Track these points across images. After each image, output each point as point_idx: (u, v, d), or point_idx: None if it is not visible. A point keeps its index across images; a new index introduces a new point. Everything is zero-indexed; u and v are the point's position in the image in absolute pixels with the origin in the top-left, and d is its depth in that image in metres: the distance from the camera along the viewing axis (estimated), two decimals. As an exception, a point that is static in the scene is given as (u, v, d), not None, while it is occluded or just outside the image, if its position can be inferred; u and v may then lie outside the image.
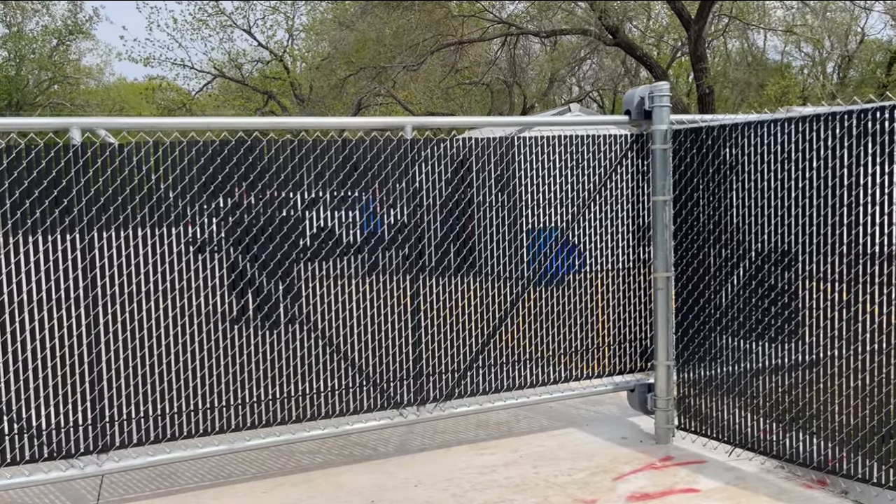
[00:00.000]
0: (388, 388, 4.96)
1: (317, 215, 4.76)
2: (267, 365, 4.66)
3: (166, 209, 4.36)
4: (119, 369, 4.32)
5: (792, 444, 4.62)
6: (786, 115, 4.51)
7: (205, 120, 4.59)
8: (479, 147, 5.10)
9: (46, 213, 4.09)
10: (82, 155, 4.15)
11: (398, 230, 4.90)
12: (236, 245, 4.56)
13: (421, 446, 5.47)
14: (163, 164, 4.32)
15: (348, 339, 4.85)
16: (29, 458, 4.15)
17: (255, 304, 4.65)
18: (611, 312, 5.55)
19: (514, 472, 4.90)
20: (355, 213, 4.89)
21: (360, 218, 4.88)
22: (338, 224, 4.83)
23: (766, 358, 4.77)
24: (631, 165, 5.49)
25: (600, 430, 5.66)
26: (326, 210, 4.78)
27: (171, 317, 4.43)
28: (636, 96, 5.33)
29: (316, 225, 4.76)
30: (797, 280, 4.59)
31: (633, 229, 5.55)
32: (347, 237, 4.86)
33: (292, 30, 34.38)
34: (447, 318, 5.08)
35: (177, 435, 4.48)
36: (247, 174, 4.50)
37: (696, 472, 4.81)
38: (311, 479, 4.89)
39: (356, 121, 4.88)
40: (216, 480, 4.92)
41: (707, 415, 5.17)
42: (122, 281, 4.30)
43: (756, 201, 4.74)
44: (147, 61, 32.43)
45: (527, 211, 5.25)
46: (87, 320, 4.22)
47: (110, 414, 4.31)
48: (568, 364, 5.45)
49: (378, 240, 4.89)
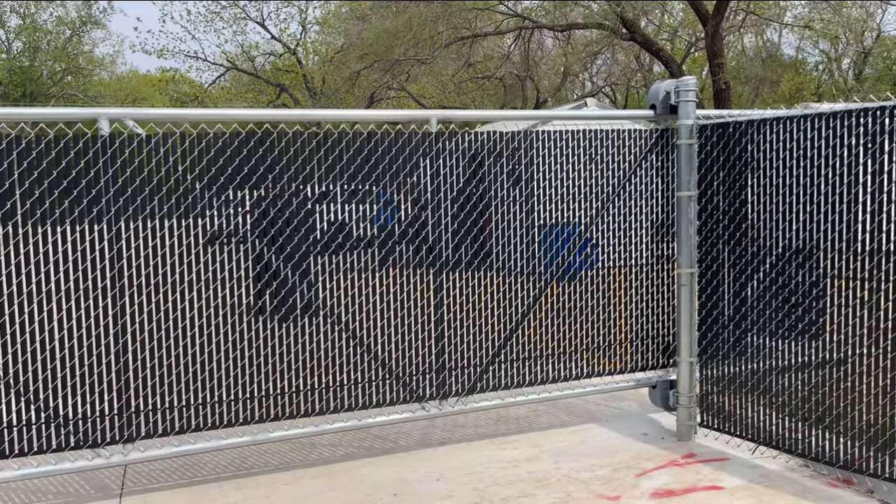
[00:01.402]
0: (411, 381, 4.95)
1: (341, 209, 4.75)
2: (291, 357, 4.66)
3: (192, 200, 4.36)
4: (145, 359, 4.33)
5: (817, 443, 4.59)
6: (816, 111, 4.47)
7: (234, 112, 4.58)
8: (504, 141, 5.08)
9: (74, 203, 4.10)
10: (111, 145, 4.15)
11: (421, 224, 4.88)
12: (262, 236, 4.56)
13: (441, 440, 5.47)
14: (189, 156, 4.32)
15: (371, 332, 4.84)
16: (56, 447, 4.17)
17: (280, 296, 4.65)
18: (633, 308, 5.53)
19: (536, 467, 4.89)
20: (379, 207, 4.88)
21: (383, 212, 4.87)
22: (362, 217, 4.82)
23: (792, 356, 4.74)
24: (655, 160, 5.46)
25: (621, 427, 5.64)
26: (352, 204, 4.77)
27: (196, 307, 4.43)
28: (661, 91, 5.29)
29: (338, 218, 4.75)
30: (825, 278, 4.55)
31: (656, 225, 5.52)
32: (371, 231, 4.85)
33: (305, 22, 34.39)
34: (470, 313, 5.07)
35: (201, 426, 4.49)
36: (273, 166, 4.50)
37: (719, 470, 4.79)
38: (332, 472, 4.90)
39: (383, 113, 4.87)
40: (238, 472, 4.93)
41: (730, 412, 5.14)
42: (149, 271, 4.31)
43: (784, 197, 4.70)
44: (161, 53, 32.53)
45: (550, 206, 5.23)
46: (114, 310, 4.23)
47: (136, 404, 4.33)
48: (590, 360, 5.43)
49: (401, 234, 4.88)
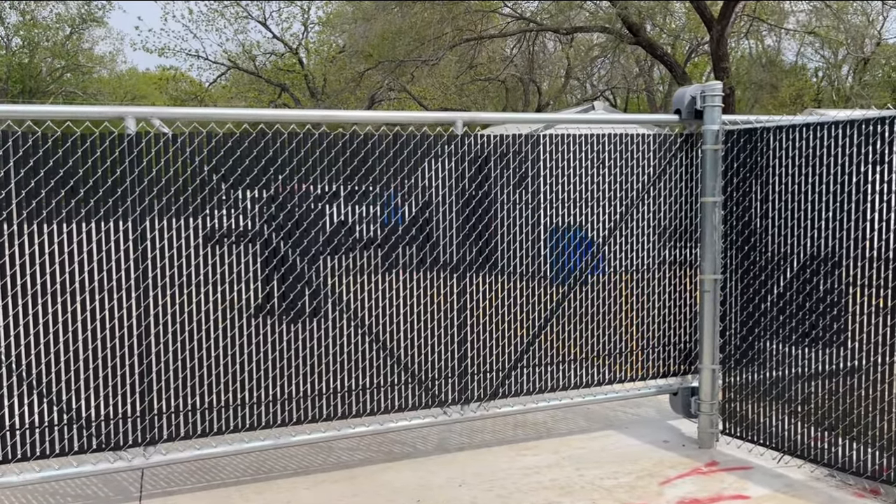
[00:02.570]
0: (433, 385, 4.90)
1: (366, 211, 4.71)
2: (314, 360, 4.60)
3: (218, 200, 4.31)
4: (168, 361, 4.28)
5: (844, 453, 4.55)
6: (847, 117, 4.43)
7: (259, 112, 4.53)
8: (529, 145, 5.03)
9: (100, 202, 4.04)
10: (137, 144, 4.10)
11: (444, 229, 4.84)
12: (287, 238, 4.51)
13: (461, 445, 5.42)
14: (215, 156, 4.27)
15: (394, 336, 4.79)
16: (77, 449, 4.11)
17: (303, 298, 4.59)
18: (655, 315, 5.49)
19: (558, 474, 4.85)
20: (403, 210, 4.84)
21: (397, 214, 4.82)
22: (387, 220, 4.77)
23: (818, 364, 4.70)
24: (680, 165, 5.42)
25: (641, 433, 5.60)
26: (377, 206, 4.72)
27: (220, 310, 4.38)
28: (687, 95, 5.26)
29: (370, 220, 4.70)
30: (855, 286, 4.52)
31: (679, 230, 5.48)
32: (396, 233, 4.80)
33: (308, 22, 34.32)
34: (493, 317, 5.02)
35: (223, 429, 4.43)
36: (299, 166, 4.45)
37: (743, 479, 4.75)
38: (353, 477, 4.84)
39: (409, 115, 4.82)
40: (257, 475, 4.87)
41: (753, 420, 5.10)
42: (173, 272, 4.25)
43: (813, 204, 4.66)
44: (162, 52, 32.42)
45: (574, 210, 5.18)
46: (139, 311, 4.18)
47: (158, 406, 4.27)
48: (612, 366, 5.39)
49: (426, 237, 4.83)
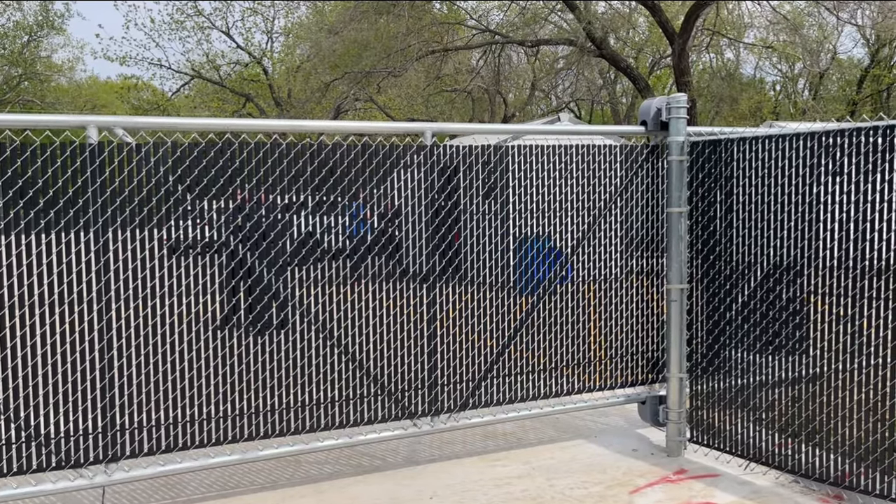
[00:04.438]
0: (403, 397, 4.87)
1: (329, 222, 4.67)
2: (281, 373, 4.54)
3: (182, 211, 4.23)
4: (131, 376, 4.17)
5: (807, 459, 4.63)
6: (808, 129, 4.53)
7: (226, 122, 4.47)
8: (498, 156, 5.05)
9: (60, 214, 3.94)
10: (99, 154, 4.01)
11: (413, 239, 4.82)
12: (253, 249, 4.44)
13: (430, 457, 5.38)
14: (180, 166, 4.20)
15: (364, 348, 4.75)
16: (36, 468, 3.99)
17: (269, 310, 4.53)
18: (623, 324, 5.53)
19: (529, 485, 4.84)
20: (372, 220, 4.81)
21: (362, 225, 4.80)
22: (355, 230, 4.74)
23: (781, 372, 4.78)
24: (646, 176, 5.48)
25: (609, 443, 5.62)
26: (345, 216, 4.69)
27: (185, 322, 4.30)
28: (653, 107, 5.33)
29: (337, 231, 4.66)
30: (815, 295, 4.60)
31: (646, 240, 5.54)
32: (364, 244, 4.77)
33: (272, 32, 34.12)
34: (462, 328, 5.01)
35: (188, 444, 4.34)
36: (266, 176, 4.39)
37: (711, 486, 4.79)
38: (321, 491, 4.78)
39: (378, 125, 4.80)
40: (223, 491, 4.78)
41: (720, 428, 5.16)
42: (136, 284, 4.16)
43: (775, 214, 4.75)
44: (123, 60, 31.90)
45: (542, 221, 5.21)
46: (100, 325, 4.07)
47: (121, 422, 4.16)
48: (581, 376, 5.41)
49: (394, 248, 4.81)
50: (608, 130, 5.58)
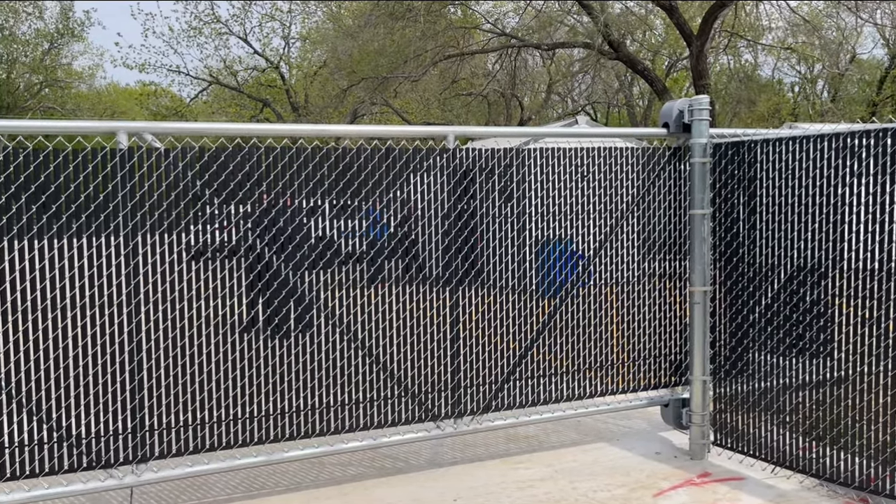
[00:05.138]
0: (426, 399, 4.89)
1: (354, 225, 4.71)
2: (306, 375, 4.58)
3: (210, 215, 4.29)
4: (160, 377, 4.23)
5: (832, 463, 4.60)
6: (832, 130, 4.51)
7: (252, 127, 4.53)
8: (520, 159, 5.07)
9: (91, 218, 4.01)
10: (129, 159, 4.07)
11: (423, 243, 4.85)
12: (278, 252, 4.49)
13: (453, 460, 5.40)
14: (207, 170, 4.26)
15: (388, 350, 4.78)
16: (67, 468, 4.05)
17: (296, 314, 4.57)
18: (646, 327, 5.52)
19: (552, 488, 4.85)
20: (395, 224, 4.84)
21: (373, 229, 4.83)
22: (378, 234, 4.78)
23: (806, 375, 4.75)
24: (668, 178, 5.48)
25: (632, 445, 5.61)
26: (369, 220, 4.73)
27: (211, 325, 4.35)
28: (675, 109, 5.33)
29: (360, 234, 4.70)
30: (838, 296, 4.58)
31: (668, 243, 5.53)
32: (388, 247, 4.80)
33: (289, 38, 34.35)
34: (485, 331, 5.03)
35: (216, 445, 4.39)
36: (292, 180, 4.44)
37: (736, 489, 4.78)
38: (345, 493, 4.81)
39: (401, 129, 4.84)
40: (249, 492, 4.82)
41: (743, 431, 5.14)
42: (165, 287, 4.22)
43: (799, 216, 4.73)
44: (143, 67, 32.26)
45: (565, 224, 5.22)
46: (130, 327, 4.13)
47: (150, 423, 4.22)
48: (604, 378, 5.41)
49: (417, 251, 4.84)
50: (629, 133, 5.58)
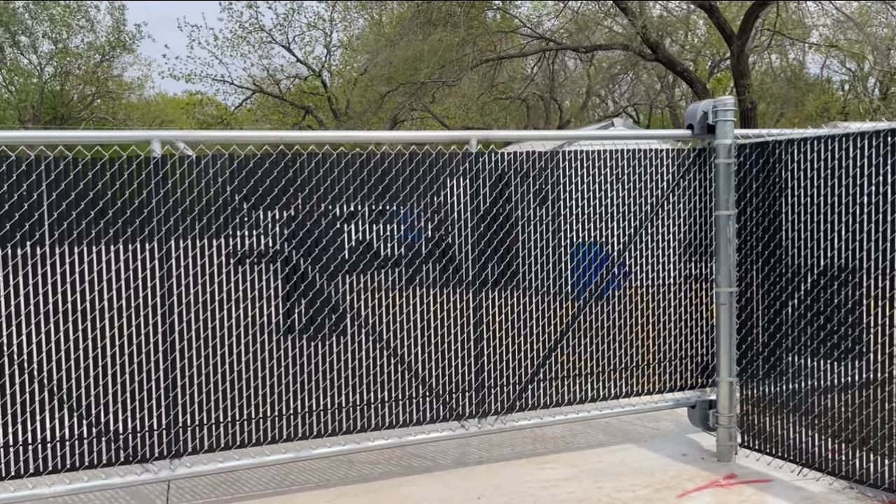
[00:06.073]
0: (451, 399, 4.98)
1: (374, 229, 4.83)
2: (333, 375, 4.71)
3: (240, 220, 4.46)
4: (192, 376, 4.41)
5: (861, 465, 4.54)
6: (857, 130, 4.47)
7: (280, 134, 4.69)
8: (542, 161, 5.13)
9: (127, 223, 4.20)
10: (162, 167, 4.26)
11: (450, 247, 4.95)
12: (306, 256, 4.64)
13: (479, 459, 5.47)
14: (238, 177, 4.42)
15: (412, 351, 4.89)
16: (106, 462, 4.25)
17: (323, 315, 4.71)
18: (672, 328, 5.52)
19: (576, 487, 4.89)
20: (422, 228, 4.95)
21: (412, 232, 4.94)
22: (405, 238, 4.89)
23: (834, 376, 4.70)
24: (693, 180, 5.48)
25: (659, 447, 5.61)
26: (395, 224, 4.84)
27: (242, 326, 4.51)
28: (699, 111, 5.33)
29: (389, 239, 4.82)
30: (866, 298, 4.53)
31: (694, 244, 5.53)
32: (415, 251, 4.91)
33: (330, 45, 34.84)
34: (509, 331, 5.10)
35: (246, 442, 4.54)
36: (318, 186, 4.59)
37: (762, 491, 4.75)
38: (372, 490, 4.92)
39: (423, 134, 4.95)
40: (279, 488, 4.97)
41: (771, 433, 5.10)
42: (197, 289, 4.40)
43: (825, 216, 4.69)
44: (189, 78, 33.08)
45: (588, 226, 5.26)
46: (164, 328, 4.32)
47: (183, 420, 4.40)
48: (629, 380, 5.43)
49: (443, 254, 4.94)
50: (654, 135, 5.60)
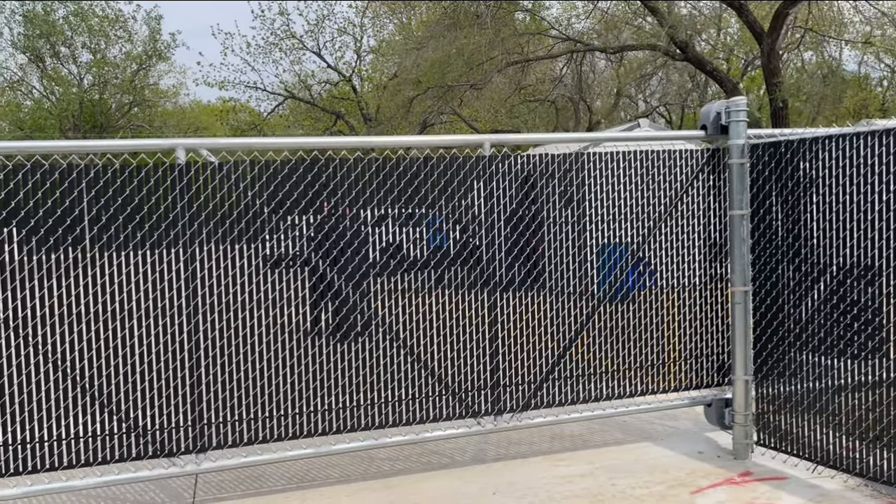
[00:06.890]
0: (467, 396, 5.10)
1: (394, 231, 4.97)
2: (352, 373, 4.86)
3: (261, 224, 4.63)
4: (216, 374, 4.59)
5: (876, 462, 4.55)
6: (868, 128, 4.49)
7: (300, 140, 4.86)
8: (556, 162, 5.23)
9: (153, 228, 4.41)
10: (186, 173, 4.46)
11: (472, 248, 5.06)
12: (324, 258, 4.79)
13: (496, 456, 5.58)
14: (258, 182, 4.60)
15: (428, 349, 5.02)
16: (135, 456, 4.45)
17: (341, 315, 4.87)
18: (687, 327, 5.57)
19: (591, 483, 4.96)
20: (441, 231, 5.08)
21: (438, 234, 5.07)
22: (430, 241, 5.02)
23: (849, 375, 4.72)
24: (707, 180, 5.52)
25: (676, 445, 5.66)
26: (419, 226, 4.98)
27: (264, 325, 4.69)
28: (712, 111, 5.37)
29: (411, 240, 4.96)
30: (881, 295, 4.54)
31: (709, 244, 5.57)
32: (439, 253, 5.05)
33: (360, 51, 35.20)
34: (524, 330, 5.20)
35: (268, 438, 4.71)
36: (336, 190, 4.75)
37: (777, 489, 4.78)
38: (391, 486, 5.06)
39: (438, 138, 5.08)
40: (301, 484, 5.14)
41: (787, 431, 5.12)
42: (220, 291, 4.58)
43: (838, 215, 4.71)
44: (222, 85, 33.65)
45: (602, 226, 5.34)
46: (189, 327, 4.51)
47: (208, 416, 4.58)
48: (644, 378, 5.49)
49: (456, 255, 5.06)
50: (668, 136, 5.66)
